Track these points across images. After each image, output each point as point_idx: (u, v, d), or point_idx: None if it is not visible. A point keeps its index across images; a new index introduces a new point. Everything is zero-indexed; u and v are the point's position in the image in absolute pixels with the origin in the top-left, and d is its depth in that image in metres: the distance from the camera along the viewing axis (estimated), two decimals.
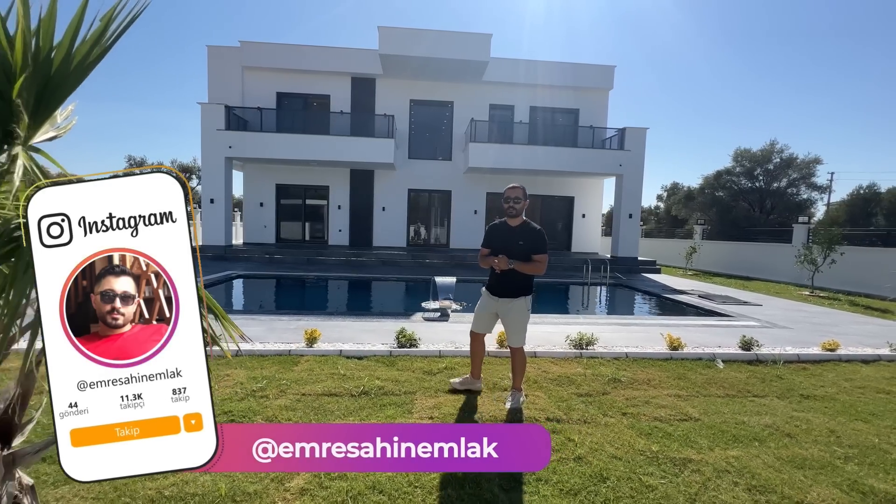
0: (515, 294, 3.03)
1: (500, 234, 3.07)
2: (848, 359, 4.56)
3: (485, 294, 3.19)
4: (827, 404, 3.33)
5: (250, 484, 2.04)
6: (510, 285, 3.02)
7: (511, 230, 3.04)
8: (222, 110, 13.13)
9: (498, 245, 3.01)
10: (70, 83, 1.44)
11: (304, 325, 4.89)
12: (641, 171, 14.55)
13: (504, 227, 3.09)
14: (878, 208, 22.57)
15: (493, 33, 13.51)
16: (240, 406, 2.85)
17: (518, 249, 2.95)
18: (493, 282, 3.09)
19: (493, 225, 3.18)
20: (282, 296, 9.67)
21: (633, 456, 2.41)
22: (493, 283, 3.10)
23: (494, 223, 3.18)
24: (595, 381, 3.60)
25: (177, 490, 1.98)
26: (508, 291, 3.03)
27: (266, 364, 3.72)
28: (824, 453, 2.53)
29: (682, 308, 8.23)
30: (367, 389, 3.20)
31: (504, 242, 3.00)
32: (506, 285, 3.03)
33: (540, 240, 3.00)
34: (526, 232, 3.01)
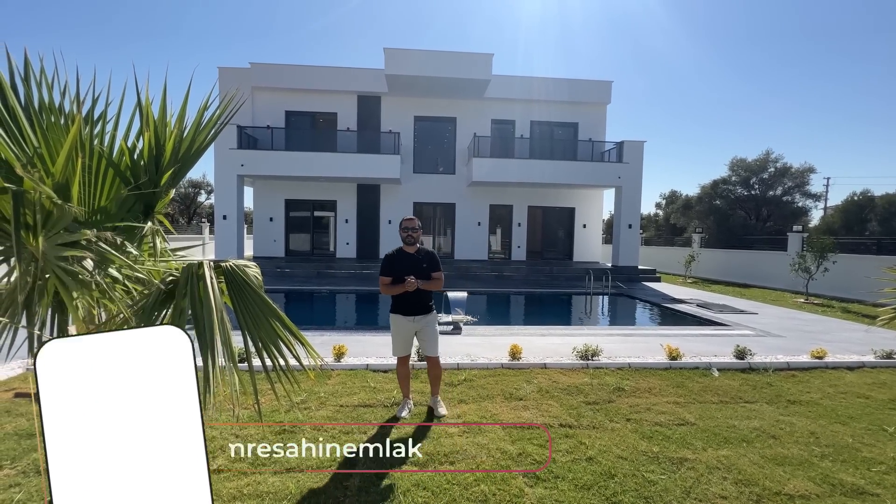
0: (429, 310, 3.40)
1: (404, 261, 3.34)
2: (834, 366, 4.92)
3: (398, 319, 3.35)
4: (811, 409, 3.70)
5: (314, 483, 2.41)
6: (423, 303, 3.36)
7: (411, 256, 3.37)
8: (234, 130, 13.61)
9: (405, 271, 3.28)
10: (191, 164, 1.85)
11: (327, 339, 5.26)
12: (640, 182, 15.00)
13: (403, 254, 3.38)
14: (872, 214, 23.00)
15: (489, 41, 14.03)
16: (288, 417, 3.22)
17: (423, 271, 3.32)
18: (406, 305, 3.32)
19: (392, 255, 3.41)
20: (299, 311, 10.03)
21: (636, 456, 2.78)
22: (407, 306, 3.32)
23: (391, 253, 3.42)
24: (601, 390, 3.97)
25: (252, 489, 2.35)
26: (423, 308, 3.36)
27: (301, 378, 4.08)
28: (803, 452, 2.90)
29: (681, 317, 8.60)
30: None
31: (410, 267, 3.30)
32: (420, 304, 3.34)
33: (437, 260, 3.44)
34: (425, 255, 3.40)
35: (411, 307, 3.34)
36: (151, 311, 1.54)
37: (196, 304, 1.50)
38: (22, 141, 1.48)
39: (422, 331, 3.40)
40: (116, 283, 1.60)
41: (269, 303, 1.70)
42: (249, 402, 3.41)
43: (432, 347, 3.42)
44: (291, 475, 2.48)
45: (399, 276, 3.29)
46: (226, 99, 1.86)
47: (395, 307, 3.38)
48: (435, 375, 3.49)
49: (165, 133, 1.64)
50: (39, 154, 1.45)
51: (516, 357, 4.78)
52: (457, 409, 3.50)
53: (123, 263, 1.44)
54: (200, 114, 1.77)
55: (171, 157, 1.65)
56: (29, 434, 2.87)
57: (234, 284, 1.69)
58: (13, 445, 2.73)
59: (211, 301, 1.48)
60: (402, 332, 3.37)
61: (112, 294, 1.46)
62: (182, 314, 1.53)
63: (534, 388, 3.95)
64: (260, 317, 1.71)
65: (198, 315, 1.49)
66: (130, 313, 1.49)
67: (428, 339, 3.41)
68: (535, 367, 4.58)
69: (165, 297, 1.61)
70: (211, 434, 2.91)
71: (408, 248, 3.40)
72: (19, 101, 1.55)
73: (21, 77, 1.56)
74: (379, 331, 6.43)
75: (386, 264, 3.37)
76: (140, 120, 1.66)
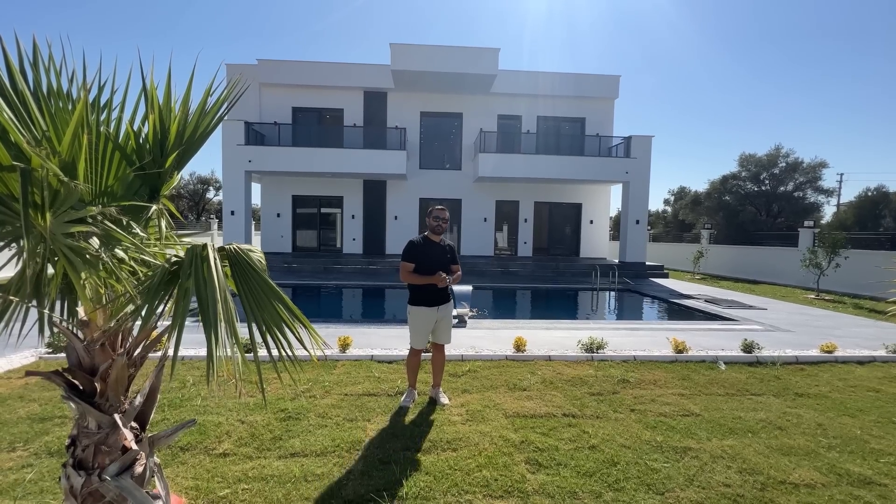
0: (449, 298, 3.48)
1: (429, 250, 3.33)
2: (844, 360, 4.86)
3: (422, 311, 3.33)
4: (819, 401, 3.65)
5: (318, 468, 2.43)
6: (445, 291, 3.42)
7: (437, 245, 3.37)
8: (242, 126, 13.71)
9: (429, 259, 3.29)
10: (195, 149, 1.87)
11: (333, 332, 5.29)
12: (647, 177, 14.86)
13: (430, 242, 3.36)
14: (886, 210, 22.58)
15: (496, 36, 13.97)
16: (293, 405, 3.25)
17: (447, 262, 3.36)
18: (432, 295, 3.32)
19: (417, 242, 3.35)
20: (307, 304, 10.12)
21: (639, 445, 2.78)
22: (433, 297, 3.33)
23: (417, 240, 3.37)
24: (606, 381, 3.96)
25: (257, 472, 2.39)
26: (445, 298, 3.42)
27: (307, 368, 4.12)
28: (810, 443, 2.87)
29: (689, 312, 8.53)
30: (402, 390, 3.60)
31: (436, 257, 3.32)
32: (443, 292, 3.40)
33: (456, 252, 3.49)
34: (449, 247, 3.45)
35: (436, 297, 3.35)
36: (157, 292, 1.56)
37: (200, 285, 1.52)
38: (31, 123, 1.51)
39: (441, 319, 3.42)
40: (123, 265, 1.63)
41: (273, 286, 1.72)
42: (254, 390, 3.45)
43: (447, 335, 3.49)
44: (296, 459, 2.51)
45: (423, 263, 3.28)
46: (230, 84, 1.88)
47: (418, 299, 3.33)
48: (440, 364, 3.52)
49: (170, 116, 1.66)
50: (47, 136, 1.48)
51: (521, 349, 4.77)
52: (460, 398, 3.51)
53: (129, 241, 1.47)
54: (205, 98, 1.79)
55: (175, 140, 1.67)
56: (41, 418, 2.94)
57: (238, 267, 1.71)
58: (26, 429, 2.79)
59: (214, 281, 1.50)
60: (425, 323, 3.36)
61: (119, 273, 1.49)
62: (186, 294, 1.55)
63: (538, 380, 3.95)
64: (264, 300, 1.72)
65: (202, 295, 1.51)
66: (136, 292, 1.52)
67: (445, 327, 3.47)
68: (539, 360, 4.58)
69: (170, 279, 1.63)
70: (217, 420, 2.96)
71: (434, 236, 3.39)
72: (28, 87, 1.58)
73: (30, 63, 1.59)
74: (384, 324, 6.46)
75: (410, 249, 3.32)
76: (145, 104, 1.68)
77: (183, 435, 2.72)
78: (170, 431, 1.90)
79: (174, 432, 1.89)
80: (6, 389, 3.44)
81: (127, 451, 1.73)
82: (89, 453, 1.67)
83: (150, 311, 1.54)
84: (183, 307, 1.56)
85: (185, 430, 2.76)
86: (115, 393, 1.75)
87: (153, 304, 1.54)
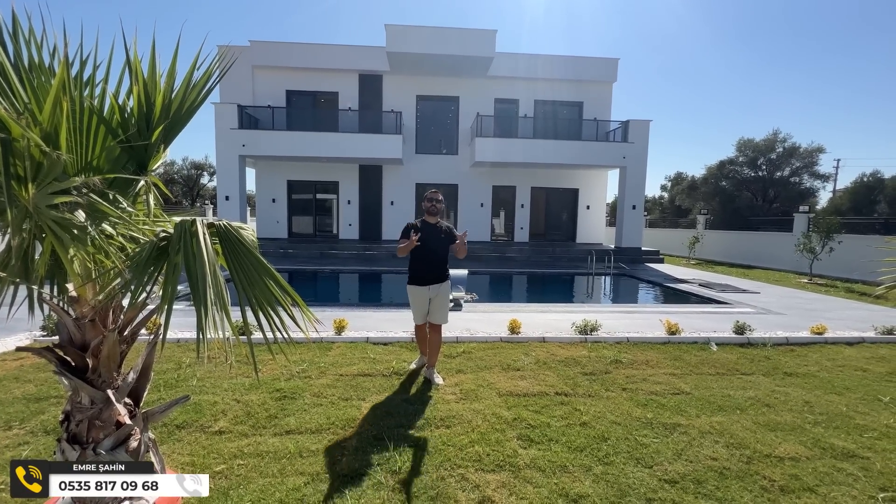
0: (444, 279, 3.59)
1: (426, 230, 3.48)
2: (834, 341, 4.93)
3: (414, 290, 3.55)
4: (807, 380, 3.72)
5: (313, 444, 2.47)
6: (440, 272, 3.56)
7: (433, 226, 3.54)
8: (235, 109, 13.50)
9: (426, 238, 3.42)
10: (182, 123, 1.84)
11: (329, 315, 5.31)
12: (645, 162, 14.80)
13: (426, 224, 3.53)
14: (881, 196, 22.65)
15: (493, 21, 13.72)
16: (288, 385, 3.28)
17: (444, 242, 3.54)
18: (424, 274, 3.52)
19: (414, 224, 3.53)
20: (303, 289, 10.09)
21: (630, 422, 2.82)
22: (424, 275, 3.52)
23: (414, 223, 3.55)
24: (598, 362, 4.01)
25: (253, 449, 2.42)
26: (437, 278, 3.54)
27: (302, 350, 4.15)
28: (797, 419, 2.93)
29: (683, 296, 8.60)
30: (397, 370, 3.63)
31: (432, 235, 3.48)
32: (437, 273, 3.54)
33: (454, 231, 3.62)
34: (446, 227, 3.60)
35: (428, 277, 3.52)
36: (145, 267, 1.55)
37: (189, 259, 1.51)
38: (12, 95, 1.48)
39: (434, 298, 3.54)
40: (111, 240, 1.61)
41: (264, 262, 1.71)
42: (250, 371, 3.47)
43: (440, 315, 3.57)
44: (291, 437, 2.55)
45: (421, 242, 3.41)
46: (218, 55, 1.84)
47: (411, 278, 3.57)
48: (436, 344, 3.56)
49: (155, 89, 1.63)
50: (29, 109, 1.44)
51: (515, 331, 4.81)
52: (454, 378, 3.55)
53: (115, 215, 1.45)
54: (191, 70, 1.75)
55: (161, 113, 1.64)
56: (37, 398, 2.95)
57: (228, 243, 1.69)
58: (22, 408, 2.81)
59: (204, 256, 1.49)
60: (419, 301, 3.55)
61: (107, 248, 1.47)
62: (176, 269, 1.55)
63: (532, 360, 3.99)
64: (255, 277, 1.71)
65: (191, 269, 1.50)
66: (124, 266, 1.51)
67: (438, 307, 3.56)
68: (533, 341, 4.62)
69: (159, 254, 1.62)
70: (212, 399, 2.98)
71: (430, 218, 3.57)
72: (8, 58, 1.54)
73: (10, 34, 1.55)
74: (380, 308, 6.48)
75: (407, 229, 3.51)
76: (129, 76, 1.65)
77: (179, 413, 2.75)
78: (164, 407, 1.92)
79: (168, 408, 1.91)
80: (1, 371, 3.45)
81: (121, 426, 1.75)
82: (83, 428, 1.68)
83: (140, 286, 1.53)
84: (172, 282, 1.55)
85: (181, 408, 2.79)
86: (108, 369, 1.76)
87: (142, 278, 1.53)
